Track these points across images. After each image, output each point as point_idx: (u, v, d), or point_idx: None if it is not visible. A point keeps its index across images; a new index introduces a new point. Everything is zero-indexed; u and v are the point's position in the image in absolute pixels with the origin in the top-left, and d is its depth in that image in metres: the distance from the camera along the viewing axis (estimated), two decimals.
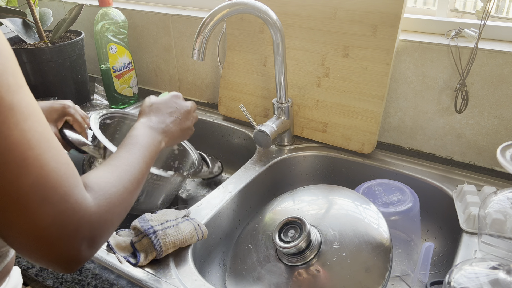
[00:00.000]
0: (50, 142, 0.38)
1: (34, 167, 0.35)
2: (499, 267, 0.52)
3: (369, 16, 0.84)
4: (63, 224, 0.37)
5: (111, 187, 0.45)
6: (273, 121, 0.91)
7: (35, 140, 0.36)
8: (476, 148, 0.87)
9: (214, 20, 0.74)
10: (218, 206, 0.78)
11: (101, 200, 0.42)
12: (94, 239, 0.40)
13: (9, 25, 1.12)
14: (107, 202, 0.43)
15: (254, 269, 0.67)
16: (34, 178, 0.35)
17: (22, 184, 0.35)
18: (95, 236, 0.40)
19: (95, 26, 1.11)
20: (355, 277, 0.59)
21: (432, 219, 0.83)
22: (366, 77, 0.87)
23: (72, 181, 0.38)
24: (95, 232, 0.40)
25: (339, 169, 0.93)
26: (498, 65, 0.78)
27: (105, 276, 0.63)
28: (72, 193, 0.38)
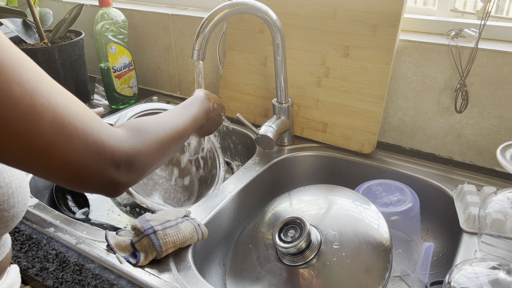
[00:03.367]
0: (54, 86, 0.39)
1: (46, 112, 0.37)
2: (499, 267, 0.52)
3: (369, 16, 0.84)
4: (97, 152, 0.41)
5: (147, 127, 0.50)
6: (273, 121, 0.91)
7: (37, 89, 0.37)
8: (476, 148, 0.87)
9: (214, 20, 0.74)
10: (218, 206, 0.78)
11: (134, 135, 0.47)
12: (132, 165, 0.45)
13: (9, 25, 1.12)
14: (141, 137, 0.47)
15: (254, 269, 0.67)
16: (50, 122, 0.37)
17: (41, 130, 0.37)
18: (132, 162, 0.44)
19: (95, 26, 1.11)
20: (355, 277, 0.59)
21: (432, 219, 0.83)
22: (366, 77, 0.87)
23: (90, 116, 0.41)
24: (130, 158, 0.44)
25: (339, 169, 0.93)
26: (498, 65, 0.78)
27: (105, 276, 0.63)
28: (95, 126, 0.41)
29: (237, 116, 0.90)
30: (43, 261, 0.66)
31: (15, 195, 0.50)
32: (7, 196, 0.49)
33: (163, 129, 0.53)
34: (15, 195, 0.50)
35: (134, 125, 0.49)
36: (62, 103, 0.39)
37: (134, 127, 0.48)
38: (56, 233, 0.71)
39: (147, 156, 0.48)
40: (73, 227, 0.72)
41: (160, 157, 0.51)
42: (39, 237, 0.71)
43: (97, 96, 1.28)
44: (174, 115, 0.60)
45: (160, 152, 0.51)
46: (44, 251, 0.68)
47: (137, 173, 0.46)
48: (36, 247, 0.69)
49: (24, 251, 0.68)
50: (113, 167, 0.42)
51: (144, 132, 0.49)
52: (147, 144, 0.48)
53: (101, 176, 0.42)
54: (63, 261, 0.66)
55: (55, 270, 0.64)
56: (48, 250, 0.68)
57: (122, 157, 0.43)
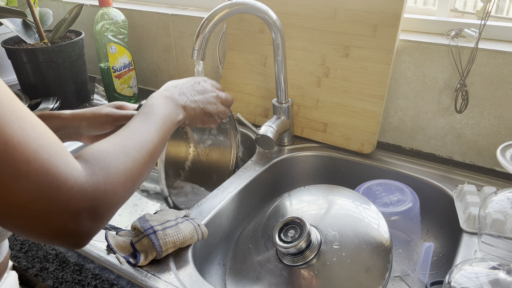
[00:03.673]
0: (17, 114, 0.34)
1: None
2: (499, 267, 0.52)
3: (369, 16, 0.84)
4: (49, 196, 0.34)
5: (109, 156, 0.42)
6: (273, 121, 0.91)
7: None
8: (476, 148, 0.87)
9: (214, 20, 0.74)
10: (218, 206, 0.78)
11: (96, 169, 0.39)
12: (95, 210, 0.38)
13: (9, 25, 1.12)
14: (103, 171, 0.40)
15: (254, 269, 0.67)
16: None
17: None
18: (94, 206, 0.37)
19: (95, 26, 1.11)
20: (355, 277, 0.59)
21: (432, 219, 0.83)
22: (366, 77, 0.87)
23: (51, 151, 0.35)
24: (93, 202, 0.37)
25: (339, 169, 0.93)
26: (498, 65, 0.78)
27: (105, 276, 0.63)
28: (53, 164, 0.35)
29: (237, 116, 0.90)
30: (43, 261, 0.66)
31: None
32: None
33: (124, 153, 0.44)
34: None
35: (93, 155, 0.41)
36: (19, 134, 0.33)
37: (94, 158, 0.40)
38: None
39: (113, 194, 0.40)
40: None
41: (127, 190, 0.43)
42: None
43: (97, 96, 1.28)
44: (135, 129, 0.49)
45: (127, 184, 0.43)
46: (44, 251, 0.68)
47: (101, 218, 0.39)
48: (36, 247, 0.69)
49: (24, 251, 0.68)
50: (70, 216, 0.36)
51: (106, 162, 0.41)
52: (111, 179, 0.40)
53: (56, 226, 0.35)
54: (63, 261, 0.66)
55: (55, 270, 0.64)
56: (48, 250, 0.68)
57: (83, 203, 0.36)
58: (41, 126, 0.36)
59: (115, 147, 0.44)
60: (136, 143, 0.47)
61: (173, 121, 0.57)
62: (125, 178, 0.42)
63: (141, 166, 0.46)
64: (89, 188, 0.37)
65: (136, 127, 0.50)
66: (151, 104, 0.55)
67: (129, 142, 0.46)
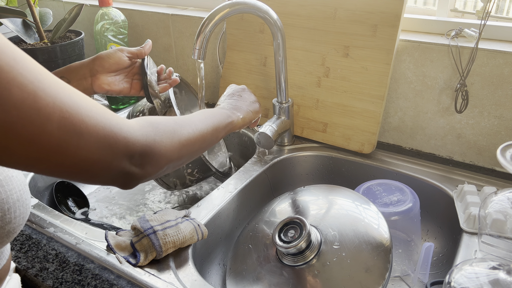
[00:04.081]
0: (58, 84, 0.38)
1: (52, 112, 0.36)
2: (499, 267, 0.52)
3: (369, 16, 0.84)
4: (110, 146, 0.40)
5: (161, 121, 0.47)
6: (273, 121, 0.91)
7: (40, 89, 0.36)
8: (476, 148, 0.87)
9: (214, 20, 0.74)
10: (218, 206, 0.78)
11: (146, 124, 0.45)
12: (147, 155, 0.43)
13: (9, 25, 1.12)
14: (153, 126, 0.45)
15: (254, 269, 0.67)
16: (58, 121, 0.36)
17: (49, 131, 0.36)
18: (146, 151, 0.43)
19: (95, 26, 1.11)
20: (355, 277, 0.59)
21: (432, 219, 0.83)
22: (366, 77, 0.87)
23: (98, 110, 0.40)
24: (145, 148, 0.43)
25: (339, 169, 0.93)
26: (498, 65, 0.78)
27: (105, 276, 0.63)
28: (105, 119, 0.40)
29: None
30: (43, 261, 0.66)
31: (12, 211, 0.48)
32: (3, 212, 0.47)
33: (178, 125, 0.50)
34: (11, 210, 0.48)
35: (147, 118, 0.47)
36: (69, 101, 0.37)
37: (147, 119, 0.47)
38: (56, 233, 0.71)
39: (163, 147, 0.46)
40: (73, 227, 0.72)
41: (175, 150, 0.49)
42: (39, 237, 0.71)
43: (97, 96, 1.28)
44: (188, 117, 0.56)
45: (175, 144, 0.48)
46: (44, 251, 0.68)
47: (153, 165, 0.45)
48: (36, 247, 0.69)
49: (24, 251, 0.68)
50: (126, 159, 0.41)
51: (158, 124, 0.47)
52: (161, 135, 0.46)
53: (115, 168, 0.41)
54: (63, 261, 0.66)
55: (55, 270, 0.64)
56: (48, 250, 0.68)
57: (136, 147, 0.42)
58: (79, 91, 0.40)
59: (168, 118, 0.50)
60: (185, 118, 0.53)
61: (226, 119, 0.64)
62: (173, 137, 0.48)
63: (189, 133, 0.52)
64: (141, 136, 0.43)
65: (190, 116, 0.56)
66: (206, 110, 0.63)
67: (179, 119, 0.52)
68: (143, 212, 0.95)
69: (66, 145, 0.37)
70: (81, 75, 0.70)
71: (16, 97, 0.34)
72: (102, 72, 0.71)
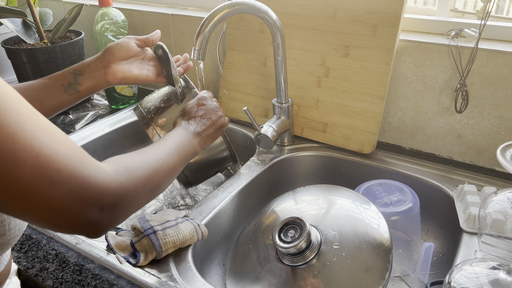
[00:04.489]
0: (39, 126, 0.37)
1: (28, 157, 0.35)
2: (499, 267, 0.52)
3: (369, 16, 0.84)
4: (80, 196, 0.38)
5: (134, 162, 0.47)
6: (273, 121, 0.91)
7: (20, 132, 0.35)
8: (476, 148, 0.87)
9: (214, 20, 0.74)
10: (218, 206, 0.78)
11: (122, 171, 0.44)
12: (118, 206, 0.42)
13: (9, 25, 1.12)
14: (128, 173, 0.44)
15: (254, 269, 0.67)
16: (32, 167, 0.35)
17: (21, 176, 0.35)
18: (117, 202, 0.42)
19: (95, 26, 1.11)
20: (355, 277, 0.59)
21: (432, 219, 0.83)
22: (366, 77, 0.87)
23: (77, 157, 0.39)
24: (117, 198, 0.42)
25: (339, 169, 0.93)
26: (498, 65, 0.78)
27: (105, 276, 0.63)
28: (82, 167, 0.39)
29: (244, 110, 0.88)
30: (43, 261, 0.66)
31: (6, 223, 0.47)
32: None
33: (148, 163, 0.49)
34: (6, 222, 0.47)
35: (120, 160, 0.46)
36: (47, 146, 0.36)
37: (121, 162, 0.45)
38: (56, 233, 0.71)
39: (134, 195, 0.45)
40: None
41: (147, 195, 0.48)
42: (39, 237, 0.71)
43: (97, 96, 1.28)
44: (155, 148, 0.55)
45: (147, 189, 0.48)
46: (44, 251, 0.68)
47: (122, 214, 0.43)
48: (36, 247, 0.69)
49: (24, 251, 0.68)
50: (97, 210, 0.40)
51: (131, 166, 0.46)
52: (134, 182, 0.45)
53: (83, 219, 0.39)
54: (63, 261, 0.66)
55: (55, 270, 0.64)
56: (48, 250, 0.68)
57: (108, 198, 0.41)
58: (62, 134, 0.40)
59: (139, 157, 0.49)
60: (158, 157, 0.53)
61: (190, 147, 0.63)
62: (146, 182, 0.47)
63: (160, 176, 0.51)
64: (115, 187, 0.42)
65: (157, 146, 0.56)
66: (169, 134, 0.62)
67: (151, 156, 0.52)
68: (143, 212, 0.96)
69: (36, 192, 0.36)
70: (93, 67, 0.70)
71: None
72: (114, 61, 0.71)
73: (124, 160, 0.46)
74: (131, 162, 0.47)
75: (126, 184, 0.43)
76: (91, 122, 1.11)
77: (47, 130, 0.38)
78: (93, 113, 1.15)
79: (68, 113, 1.14)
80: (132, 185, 0.44)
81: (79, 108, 1.18)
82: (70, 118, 1.13)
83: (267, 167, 0.90)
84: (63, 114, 1.14)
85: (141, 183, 0.46)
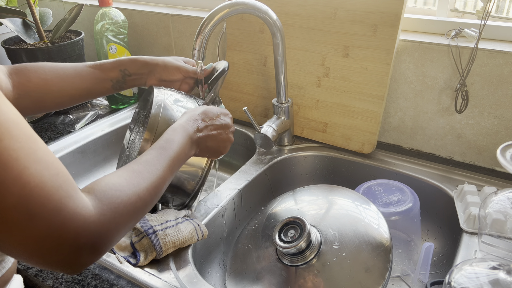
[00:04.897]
0: (34, 156, 0.36)
1: (15, 187, 0.34)
2: (499, 267, 0.52)
3: (369, 16, 0.84)
4: (58, 235, 0.36)
5: (120, 195, 0.44)
6: (273, 121, 0.91)
7: (13, 159, 0.34)
8: (476, 148, 0.87)
9: (214, 20, 0.74)
10: (218, 206, 0.78)
11: (105, 209, 0.41)
12: (97, 246, 0.40)
13: (9, 25, 1.12)
14: (112, 211, 0.42)
15: (254, 269, 0.67)
16: (16, 198, 0.34)
17: (4, 206, 0.34)
18: (96, 243, 0.40)
19: (95, 26, 1.11)
20: (355, 277, 0.59)
21: (432, 219, 0.83)
22: (366, 77, 0.87)
23: (63, 192, 0.37)
24: (96, 240, 0.39)
25: (339, 169, 0.93)
26: (498, 65, 0.78)
27: (105, 276, 0.63)
28: (64, 205, 0.37)
29: (244, 110, 0.88)
30: None
31: None
32: None
33: (136, 194, 0.46)
34: None
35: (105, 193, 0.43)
36: (36, 177, 0.35)
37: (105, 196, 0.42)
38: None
39: (116, 232, 0.42)
40: None
41: (129, 227, 0.45)
42: None
43: None
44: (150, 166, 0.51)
45: (131, 222, 0.45)
46: None
47: (100, 253, 0.41)
48: None
49: None
50: (73, 250, 0.38)
51: (116, 201, 0.43)
52: (117, 219, 0.42)
53: (58, 257, 0.38)
54: None
55: None
56: None
57: (87, 240, 0.38)
58: (56, 165, 0.38)
59: (128, 184, 0.46)
60: (148, 182, 0.48)
61: (185, 157, 0.59)
62: (129, 216, 0.44)
63: (146, 205, 0.48)
64: (95, 228, 0.39)
65: (151, 163, 0.51)
66: (171, 140, 0.57)
67: (141, 180, 0.48)
68: None
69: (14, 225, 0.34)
70: (141, 72, 0.75)
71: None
72: (158, 78, 0.76)
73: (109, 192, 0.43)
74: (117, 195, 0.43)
75: (108, 224, 0.41)
76: (91, 122, 1.11)
77: (40, 160, 0.36)
78: (93, 113, 1.15)
79: (68, 113, 1.14)
80: (115, 224, 0.42)
81: (79, 108, 1.18)
82: (70, 118, 1.13)
83: (267, 167, 0.90)
84: (63, 114, 1.14)
85: (124, 219, 0.44)
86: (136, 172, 0.48)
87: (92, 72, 0.71)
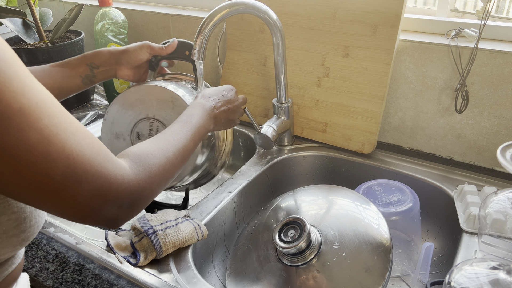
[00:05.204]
0: (70, 128, 0.39)
1: (60, 159, 0.38)
2: (499, 267, 0.52)
3: (369, 16, 0.84)
4: (103, 195, 0.41)
5: (152, 158, 0.49)
6: (273, 121, 0.91)
7: (54, 135, 0.38)
8: (476, 148, 0.87)
9: (214, 20, 0.74)
10: (218, 206, 0.78)
11: (140, 170, 0.46)
12: (135, 203, 0.45)
13: (9, 25, 1.12)
14: (146, 171, 0.47)
15: (254, 269, 0.67)
16: (62, 168, 0.38)
17: (53, 176, 0.37)
18: (134, 200, 0.45)
19: (95, 26, 1.11)
20: (355, 277, 0.59)
21: (432, 219, 0.83)
22: (366, 77, 0.87)
23: (101, 158, 0.41)
24: (134, 197, 0.44)
25: (339, 169, 0.93)
26: (498, 65, 0.78)
27: (105, 276, 0.63)
28: (105, 168, 0.41)
29: (244, 110, 0.88)
30: (43, 261, 0.66)
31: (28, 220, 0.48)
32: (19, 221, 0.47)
33: (165, 157, 0.52)
34: (27, 219, 0.48)
35: (139, 157, 0.48)
36: (76, 148, 0.39)
37: (139, 159, 0.48)
38: (56, 233, 0.71)
39: (150, 190, 0.48)
40: (73, 227, 0.72)
41: (162, 187, 0.51)
42: (39, 237, 0.71)
43: (97, 96, 1.28)
44: (175, 135, 0.57)
45: (163, 183, 0.51)
46: (44, 251, 0.68)
47: (138, 209, 0.47)
48: (36, 247, 0.69)
49: (24, 251, 0.68)
50: (115, 208, 0.43)
51: (149, 163, 0.48)
52: (151, 179, 0.48)
53: (103, 214, 0.43)
54: (63, 261, 0.66)
55: (55, 270, 0.64)
56: (48, 250, 0.68)
57: (127, 197, 0.44)
58: (89, 134, 0.42)
59: (158, 150, 0.52)
60: (174, 148, 0.54)
61: (205, 131, 0.65)
62: (161, 177, 0.50)
63: (175, 168, 0.53)
64: (133, 186, 0.44)
65: (176, 133, 0.58)
66: (190, 114, 0.64)
67: (169, 146, 0.54)
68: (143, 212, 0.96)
69: (63, 191, 0.39)
70: (108, 64, 0.77)
71: (31, 141, 0.36)
72: (127, 65, 0.78)
73: (142, 156, 0.48)
74: (149, 158, 0.49)
75: (143, 183, 0.46)
76: (91, 122, 1.11)
77: (76, 131, 0.40)
78: (93, 113, 1.15)
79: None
80: (149, 183, 0.47)
81: (79, 108, 1.18)
82: None
83: (267, 167, 0.90)
84: None
85: (157, 179, 0.49)
86: (163, 140, 0.54)
87: (60, 71, 0.74)
